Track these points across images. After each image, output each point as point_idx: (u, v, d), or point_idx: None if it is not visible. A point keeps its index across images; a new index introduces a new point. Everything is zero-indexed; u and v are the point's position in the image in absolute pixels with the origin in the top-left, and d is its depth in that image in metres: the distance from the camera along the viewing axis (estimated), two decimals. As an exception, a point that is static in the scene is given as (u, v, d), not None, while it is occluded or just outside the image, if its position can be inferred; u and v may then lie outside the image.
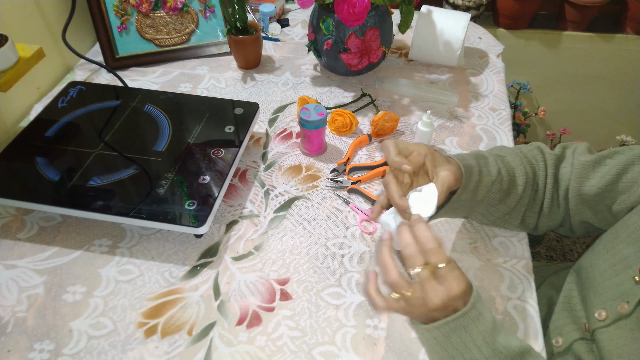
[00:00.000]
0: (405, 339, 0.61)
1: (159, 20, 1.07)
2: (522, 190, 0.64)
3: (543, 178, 0.66)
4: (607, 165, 0.62)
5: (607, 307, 0.56)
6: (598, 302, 0.58)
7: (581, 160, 0.64)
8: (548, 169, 0.66)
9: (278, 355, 0.60)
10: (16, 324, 0.62)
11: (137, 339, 0.61)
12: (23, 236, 0.72)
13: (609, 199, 0.62)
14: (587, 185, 0.63)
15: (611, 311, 0.56)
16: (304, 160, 0.85)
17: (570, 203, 0.65)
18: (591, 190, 0.62)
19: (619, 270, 0.56)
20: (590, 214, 0.64)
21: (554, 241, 1.74)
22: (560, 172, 0.66)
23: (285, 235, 0.73)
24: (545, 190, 0.66)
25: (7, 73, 0.77)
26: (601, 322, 0.56)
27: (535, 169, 0.66)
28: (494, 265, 0.70)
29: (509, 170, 0.63)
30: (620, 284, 0.56)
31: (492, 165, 0.62)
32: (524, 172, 0.64)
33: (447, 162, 0.59)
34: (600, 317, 0.56)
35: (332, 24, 0.91)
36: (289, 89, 1.01)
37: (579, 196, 0.64)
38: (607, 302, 0.57)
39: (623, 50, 1.50)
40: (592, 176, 0.63)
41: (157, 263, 0.69)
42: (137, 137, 0.81)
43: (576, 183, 0.64)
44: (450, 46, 1.01)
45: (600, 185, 0.62)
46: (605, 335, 0.56)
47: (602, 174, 0.62)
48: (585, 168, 0.64)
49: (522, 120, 1.66)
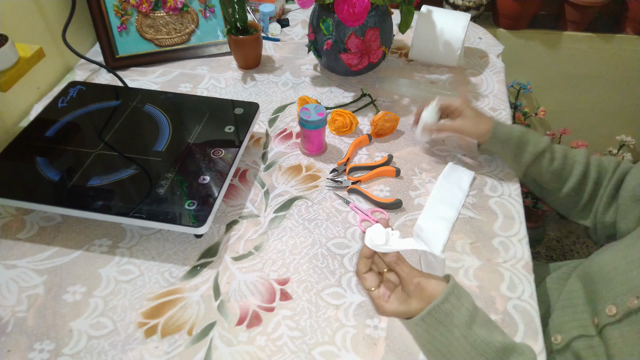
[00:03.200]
0: (405, 339, 0.61)
1: (159, 20, 1.07)
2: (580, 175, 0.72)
3: (609, 175, 0.71)
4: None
5: (617, 302, 0.56)
6: (609, 297, 0.58)
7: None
8: (615, 171, 0.71)
9: (278, 355, 0.60)
10: (16, 324, 0.62)
11: (137, 339, 0.61)
12: (23, 236, 0.72)
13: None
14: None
15: (621, 306, 0.55)
16: (304, 160, 0.85)
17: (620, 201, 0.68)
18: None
19: (634, 266, 0.56)
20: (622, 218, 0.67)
21: (554, 241, 1.74)
22: (621, 168, 0.71)
23: (285, 235, 0.73)
24: (608, 186, 0.71)
25: (7, 73, 0.77)
26: (611, 317, 0.56)
27: (605, 164, 0.72)
28: (494, 265, 0.70)
29: (566, 155, 0.73)
30: (634, 278, 0.56)
31: (544, 141, 0.73)
32: (584, 162, 0.72)
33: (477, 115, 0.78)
34: (611, 312, 0.56)
35: (332, 24, 0.91)
36: (289, 89, 1.01)
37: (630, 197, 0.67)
38: (617, 297, 0.56)
39: (623, 50, 1.50)
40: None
41: (157, 263, 0.69)
42: (137, 137, 0.81)
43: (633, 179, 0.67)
44: (450, 46, 1.01)
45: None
46: (615, 331, 0.56)
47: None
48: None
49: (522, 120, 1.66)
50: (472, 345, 0.52)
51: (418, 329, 0.55)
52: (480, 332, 0.52)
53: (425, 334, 0.54)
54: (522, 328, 0.62)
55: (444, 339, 0.53)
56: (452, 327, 0.52)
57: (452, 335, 0.52)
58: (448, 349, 0.53)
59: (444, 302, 0.53)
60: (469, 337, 0.52)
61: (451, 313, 0.53)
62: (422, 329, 0.54)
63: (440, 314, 0.53)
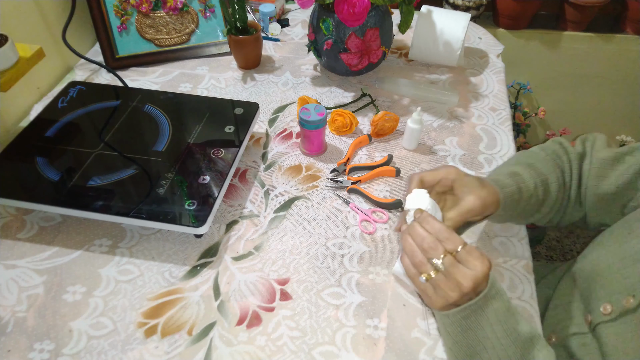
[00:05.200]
0: (406, 339, 0.61)
1: (159, 20, 1.07)
2: (556, 195, 0.64)
3: (569, 178, 0.66)
4: (626, 163, 0.62)
5: (612, 301, 0.56)
6: (604, 296, 0.57)
7: (599, 158, 0.64)
8: (573, 169, 0.66)
9: (278, 355, 0.60)
10: (16, 324, 0.62)
11: (137, 339, 0.61)
12: (23, 236, 0.72)
13: (626, 196, 0.62)
14: (605, 184, 0.62)
15: (616, 305, 0.55)
16: (304, 160, 0.85)
17: (588, 201, 0.65)
18: (609, 189, 0.62)
19: (628, 263, 0.56)
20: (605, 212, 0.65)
21: (554, 241, 1.74)
22: (582, 170, 0.66)
23: (285, 235, 0.73)
24: (571, 189, 0.66)
25: (7, 73, 0.77)
26: (606, 316, 0.56)
27: (563, 170, 0.66)
28: (494, 265, 0.70)
29: (543, 181, 0.63)
30: (629, 277, 0.55)
31: (528, 179, 0.63)
32: (556, 178, 0.64)
33: (480, 186, 0.59)
34: (606, 311, 0.56)
35: (332, 24, 0.91)
36: (289, 89, 1.01)
37: (596, 195, 0.64)
38: (612, 296, 0.56)
39: (623, 50, 1.50)
40: (610, 175, 0.62)
41: (157, 263, 0.69)
42: (137, 137, 0.81)
43: (594, 182, 0.64)
44: (450, 46, 1.01)
45: (618, 183, 0.61)
46: (610, 330, 0.55)
47: (620, 172, 0.62)
48: (603, 167, 0.63)
49: (522, 120, 1.66)
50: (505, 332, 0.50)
51: (457, 317, 0.52)
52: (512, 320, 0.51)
53: (462, 322, 0.52)
54: (522, 328, 0.62)
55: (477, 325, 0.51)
56: (491, 311, 0.51)
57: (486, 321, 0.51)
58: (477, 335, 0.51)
59: (491, 288, 0.51)
60: (504, 322, 0.50)
61: (494, 298, 0.51)
62: (461, 317, 0.52)
63: (486, 298, 0.51)
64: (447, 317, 0.53)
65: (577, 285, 0.64)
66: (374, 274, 0.68)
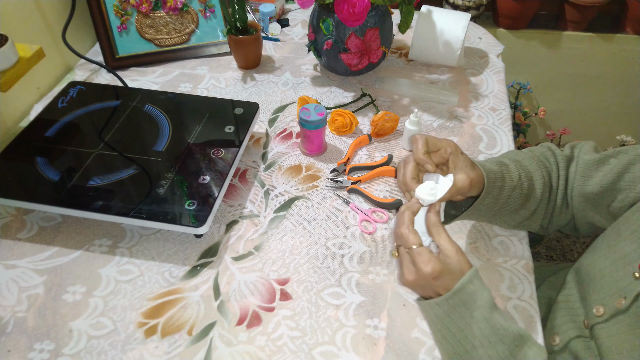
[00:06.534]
0: (405, 339, 0.61)
1: (159, 20, 1.07)
2: (541, 193, 0.65)
3: (556, 180, 0.67)
4: (610, 164, 0.63)
5: (605, 303, 0.57)
6: (597, 299, 0.58)
7: (585, 160, 0.65)
8: (560, 170, 0.67)
9: (278, 355, 0.60)
10: (16, 324, 0.62)
11: (137, 339, 0.61)
12: (23, 236, 0.72)
13: (609, 197, 0.62)
14: (590, 184, 0.63)
15: (609, 307, 0.56)
16: (304, 160, 0.85)
17: (574, 201, 0.66)
18: (593, 189, 0.63)
19: (619, 266, 0.57)
20: (592, 213, 0.65)
21: (554, 241, 1.74)
22: (569, 172, 0.67)
23: (285, 235, 0.73)
24: (558, 191, 0.67)
25: (7, 73, 0.77)
26: (599, 317, 0.57)
27: (550, 171, 0.67)
28: (494, 265, 0.70)
29: (527, 175, 0.64)
30: (620, 279, 0.56)
31: (513, 171, 0.63)
32: (541, 176, 0.65)
33: (470, 166, 0.60)
34: (598, 312, 0.57)
35: (332, 24, 0.91)
36: (289, 89, 1.01)
37: (581, 195, 0.64)
38: (605, 298, 0.57)
39: (623, 50, 1.50)
40: (595, 175, 0.63)
41: (157, 263, 0.69)
42: (137, 137, 0.81)
43: (580, 182, 0.65)
44: (450, 46, 1.01)
45: (602, 183, 0.62)
46: (603, 331, 0.56)
47: (604, 172, 0.63)
48: (588, 167, 0.64)
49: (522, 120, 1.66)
50: (492, 329, 0.51)
51: (438, 311, 0.53)
52: (499, 317, 0.52)
53: (444, 317, 0.53)
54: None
55: (463, 323, 0.52)
56: (475, 309, 0.51)
57: (472, 319, 0.51)
58: (464, 333, 0.52)
59: (470, 283, 0.52)
60: (490, 320, 0.51)
61: (475, 295, 0.52)
62: (442, 311, 0.53)
63: (465, 294, 0.52)
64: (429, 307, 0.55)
65: (577, 288, 0.64)
66: (374, 274, 0.68)
